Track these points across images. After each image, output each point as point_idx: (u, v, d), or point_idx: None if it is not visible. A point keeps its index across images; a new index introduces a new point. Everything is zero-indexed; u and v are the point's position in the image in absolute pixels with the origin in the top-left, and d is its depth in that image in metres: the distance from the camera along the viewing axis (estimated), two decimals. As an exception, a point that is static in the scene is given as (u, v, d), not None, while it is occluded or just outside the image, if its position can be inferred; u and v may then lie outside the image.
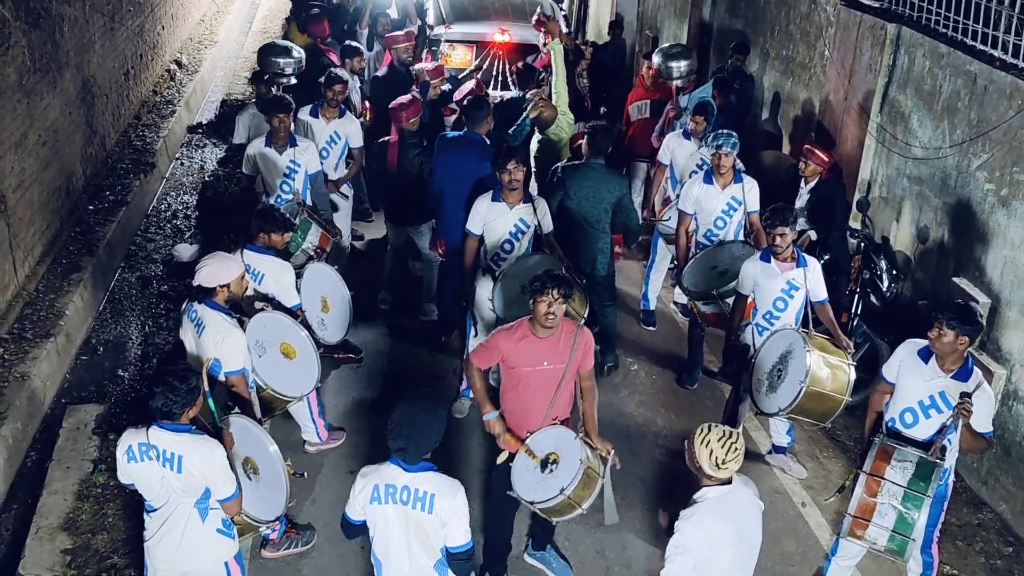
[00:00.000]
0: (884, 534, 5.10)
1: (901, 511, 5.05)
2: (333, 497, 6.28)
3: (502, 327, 5.35)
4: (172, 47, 14.42)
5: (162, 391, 4.32)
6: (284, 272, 6.19)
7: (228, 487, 4.45)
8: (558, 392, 5.18)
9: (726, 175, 7.38)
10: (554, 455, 5.08)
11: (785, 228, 6.17)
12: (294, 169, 7.52)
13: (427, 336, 8.21)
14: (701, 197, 7.48)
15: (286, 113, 7.43)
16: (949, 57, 7.10)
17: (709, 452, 4.16)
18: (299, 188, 7.50)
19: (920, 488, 5.03)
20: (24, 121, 8.11)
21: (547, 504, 5.00)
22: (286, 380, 5.87)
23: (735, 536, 4.22)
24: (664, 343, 8.43)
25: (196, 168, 11.80)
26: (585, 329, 5.26)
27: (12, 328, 7.54)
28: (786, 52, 10.21)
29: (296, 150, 7.52)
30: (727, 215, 7.48)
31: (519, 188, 6.64)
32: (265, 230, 6.17)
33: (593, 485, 5.03)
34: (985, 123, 6.65)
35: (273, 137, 7.48)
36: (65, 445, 6.54)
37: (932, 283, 7.34)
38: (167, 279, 9.19)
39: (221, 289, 5.35)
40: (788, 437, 6.84)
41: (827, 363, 6.00)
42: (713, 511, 4.19)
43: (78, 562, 5.68)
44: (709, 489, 4.25)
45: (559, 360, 5.14)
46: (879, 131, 8.10)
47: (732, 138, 7.26)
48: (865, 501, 5.13)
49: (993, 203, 6.58)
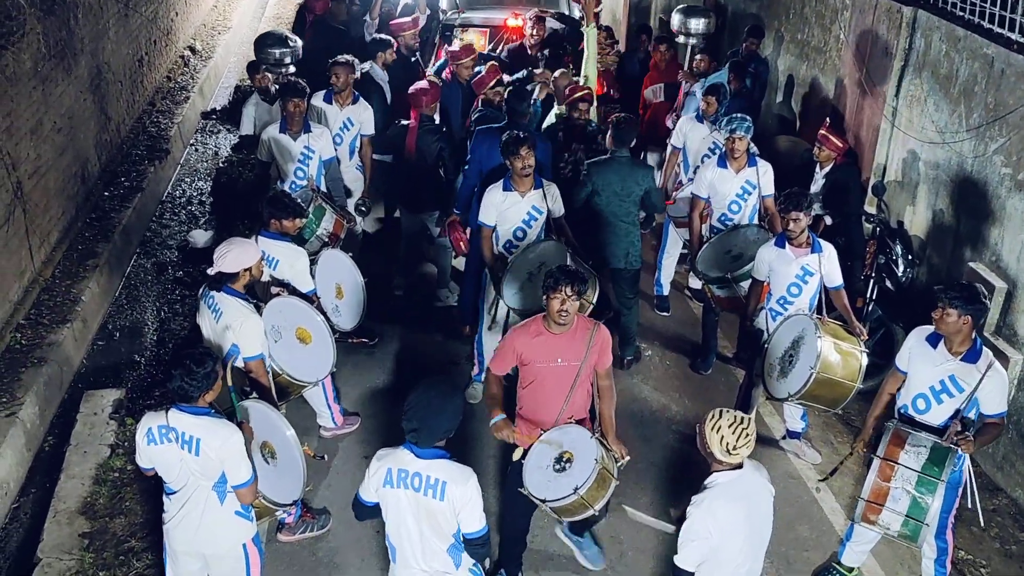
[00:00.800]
0: (898, 519, 5.10)
1: (915, 496, 5.05)
2: (348, 482, 6.31)
3: (516, 325, 5.33)
4: (186, 33, 14.44)
5: (179, 374, 4.36)
6: (298, 257, 6.20)
7: (243, 473, 4.47)
8: (573, 390, 5.14)
9: (740, 159, 7.35)
10: (568, 453, 5.02)
11: (799, 213, 6.16)
12: (308, 155, 7.51)
13: (441, 322, 8.22)
14: (715, 181, 7.45)
15: (301, 98, 7.41)
16: (966, 40, 7.04)
17: (720, 438, 4.16)
18: (313, 174, 7.50)
19: (934, 473, 5.02)
20: (39, 108, 8.15)
21: (559, 503, 4.94)
22: (301, 365, 5.89)
23: (745, 521, 4.23)
24: (678, 328, 8.42)
25: (210, 154, 11.83)
26: (602, 327, 5.20)
27: (29, 314, 7.60)
28: (801, 36, 10.14)
29: (310, 136, 7.51)
30: (741, 199, 7.44)
31: (531, 175, 6.62)
32: (277, 216, 6.17)
33: (607, 486, 4.96)
34: (1002, 107, 6.60)
35: (288, 123, 7.47)
36: (82, 430, 6.59)
37: (948, 268, 7.31)
38: (182, 265, 9.22)
39: (244, 273, 5.36)
40: (803, 423, 6.84)
41: (839, 349, 5.98)
42: (723, 496, 4.19)
43: (96, 545, 5.74)
44: (720, 474, 4.25)
45: (574, 357, 5.10)
46: (895, 115, 8.05)
47: (746, 122, 7.23)
48: (879, 486, 5.12)
49: (1010, 187, 6.54)
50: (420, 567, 4.27)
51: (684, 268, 8.74)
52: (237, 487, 4.48)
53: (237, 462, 4.44)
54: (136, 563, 5.64)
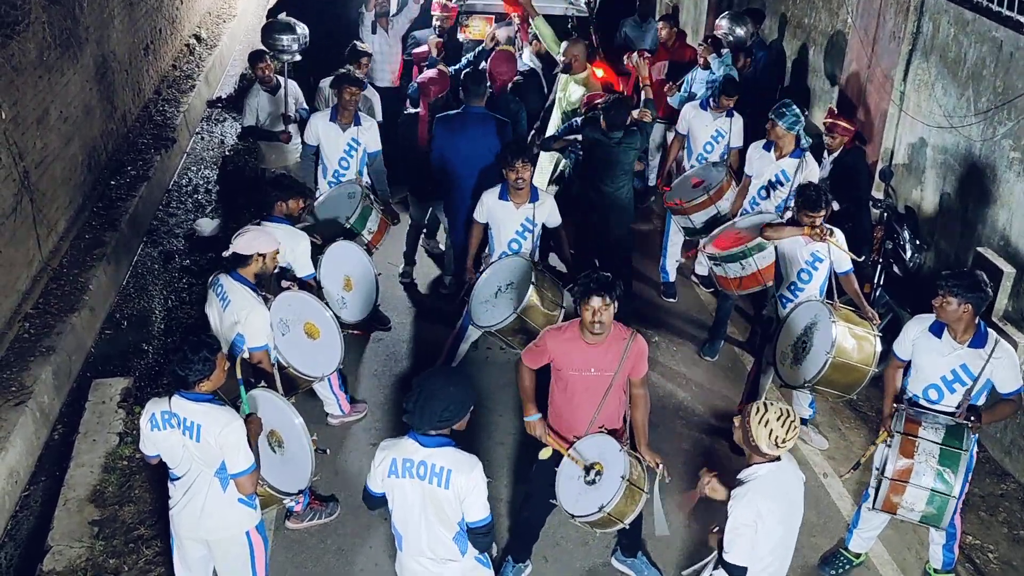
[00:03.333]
0: (923, 496, 5.03)
1: (939, 470, 4.99)
2: (356, 469, 6.33)
3: (552, 326, 5.29)
4: (191, 21, 14.42)
5: (176, 360, 4.38)
6: (299, 240, 6.17)
7: (242, 461, 4.44)
8: (604, 400, 5.04)
9: (785, 147, 7.18)
10: (598, 465, 4.96)
11: (815, 215, 6.03)
12: (353, 147, 7.48)
13: (449, 310, 8.21)
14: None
15: (358, 87, 7.36)
16: (974, 24, 6.99)
17: (769, 431, 4.05)
18: (356, 168, 7.49)
19: (955, 444, 4.98)
20: (45, 97, 8.15)
21: (587, 519, 4.92)
22: (308, 360, 5.88)
23: (784, 513, 4.18)
24: (684, 315, 8.41)
25: (216, 142, 11.83)
26: (638, 337, 5.03)
27: (37, 303, 7.62)
28: (808, 20, 10.08)
29: (360, 129, 7.48)
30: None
31: (525, 188, 6.58)
32: (282, 198, 6.16)
33: (637, 500, 4.90)
34: (1011, 90, 6.56)
35: (339, 113, 7.43)
36: (91, 418, 6.62)
37: (956, 253, 7.28)
38: (189, 253, 9.24)
39: (257, 259, 5.36)
40: (810, 410, 6.83)
41: (853, 334, 5.95)
42: (763, 489, 4.12)
43: (106, 533, 5.77)
44: (759, 467, 4.16)
45: (607, 368, 4.98)
46: (902, 100, 8.01)
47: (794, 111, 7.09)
48: (902, 463, 5.05)
49: (1019, 171, 6.50)
50: (426, 555, 4.27)
51: (687, 255, 8.70)
52: (235, 475, 4.46)
53: (236, 450, 4.42)
54: (146, 550, 5.67)
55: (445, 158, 7.55)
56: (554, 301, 6.37)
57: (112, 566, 5.57)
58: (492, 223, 6.76)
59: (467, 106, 7.58)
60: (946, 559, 5.58)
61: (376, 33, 10.12)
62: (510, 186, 6.57)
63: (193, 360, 4.36)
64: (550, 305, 6.33)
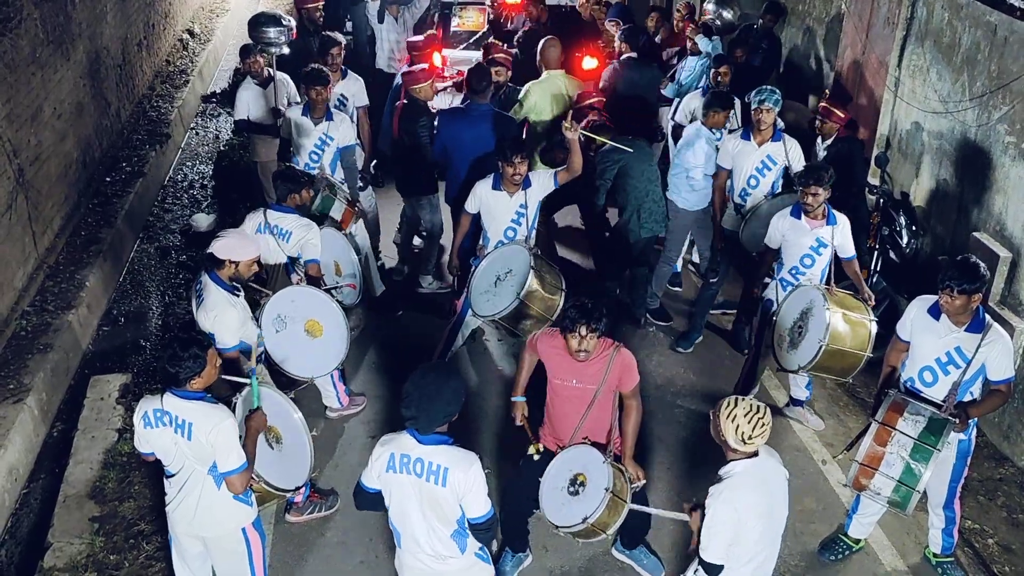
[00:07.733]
0: (890, 484, 5.08)
1: (909, 463, 5.03)
2: (355, 462, 6.33)
3: (545, 330, 5.31)
4: (184, 16, 14.38)
5: (167, 358, 4.37)
6: (309, 227, 6.26)
7: (233, 460, 4.42)
8: (587, 413, 5.05)
9: (765, 131, 7.18)
10: (582, 476, 4.97)
11: (819, 188, 6.11)
12: (325, 142, 7.50)
13: (445, 303, 8.20)
14: (737, 153, 7.26)
15: (323, 86, 7.38)
16: (968, 8, 6.98)
17: (736, 427, 4.06)
18: (327, 162, 7.50)
19: (930, 441, 5.00)
20: (39, 94, 8.13)
21: (571, 529, 4.93)
22: (301, 361, 5.88)
23: (765, 508, 4.17)
24: (687, 303, 8.40)
25: (211, 137, 11.80)
26: (622, 349, 5.02)
27: (34, 300, 7.61)
28: (802, 7, 10.07)
29: (331, 124, 7.49)
30: (760, 173, 7.26)
31: (520, 183, 6.60)
32: (294, 190, 6.27)
33: (620, 511, 4.90)
34: (1006, 75, 6.55)
35: (310, 109, 7.46)
36: (90, 415, 6.62)
37: (952, 238, 7.28)
38: (185, 249, 9.23)
39: (229, 264, 5.34)
40: (807, 391, 6.86)
41: (848, 319, 5.97)
42: (741, 485, 4.12)
43: (106, 529, 5.78)
44: (736, 463, 4.16)
45: (590, 381, 4.98)
46: (897, 85, 8.00)
47: (775, 95, 7.11)
48: (874, 450, 5.11)
49: (1014, 156, 6.50)
50: (425, 551, 4.25)
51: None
52: (226, 474, 4.42)
53: (227, 448, 4.39)
54: (146, 546, 5.68)
55: (448, 153, 7.53)
56: (554, 285, 6.40)
57: (113, 562, 5.58)
58: (486, 213, 6.76)
59: (471, 102, 7.58)
60: (945, 543, 5.60)
61: (384, 22, 10.02)
62: (505, 178, 6.58)
63: (183, 357, 4.34)
64: (551, 289, 6.36)
